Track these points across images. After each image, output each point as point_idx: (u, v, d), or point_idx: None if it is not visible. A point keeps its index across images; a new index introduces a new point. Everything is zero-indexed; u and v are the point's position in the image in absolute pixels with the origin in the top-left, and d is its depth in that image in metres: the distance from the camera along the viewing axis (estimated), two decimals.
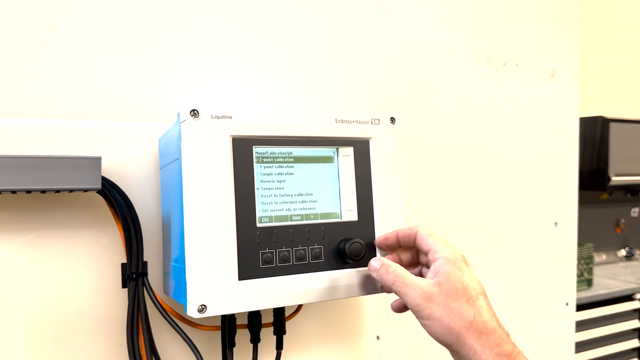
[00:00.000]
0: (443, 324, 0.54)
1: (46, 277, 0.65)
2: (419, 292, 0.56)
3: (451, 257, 0.58)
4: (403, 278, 0.57)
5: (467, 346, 0.54)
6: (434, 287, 0.56)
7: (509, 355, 0.53)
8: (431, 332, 0.56)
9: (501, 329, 0.56)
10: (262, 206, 0.61)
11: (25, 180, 0.58)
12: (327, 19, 0.83)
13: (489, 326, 0.55)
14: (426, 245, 0.60)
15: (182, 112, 0.58)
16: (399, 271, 0.58)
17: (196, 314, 0.56)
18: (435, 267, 0.58)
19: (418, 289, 0.56)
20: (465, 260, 0.59)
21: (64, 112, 0.67)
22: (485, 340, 0.54)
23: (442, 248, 0.59)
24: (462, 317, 0.54)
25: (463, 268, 0.57)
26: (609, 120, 2.08)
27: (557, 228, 1.07)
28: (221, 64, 0.76)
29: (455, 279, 0.56)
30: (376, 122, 0.68)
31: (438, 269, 0.57)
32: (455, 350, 0.55)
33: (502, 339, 0.54)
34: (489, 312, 0.56)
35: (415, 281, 0.57)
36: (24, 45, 0.65)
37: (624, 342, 1.94)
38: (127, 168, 0.69)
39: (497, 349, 0.53)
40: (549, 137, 1.06)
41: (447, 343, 0.55)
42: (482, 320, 0.55)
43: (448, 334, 0.54)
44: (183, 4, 0.73)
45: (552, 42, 1.06)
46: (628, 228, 2.43)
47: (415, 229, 0.62)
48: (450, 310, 0.55)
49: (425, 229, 0.62)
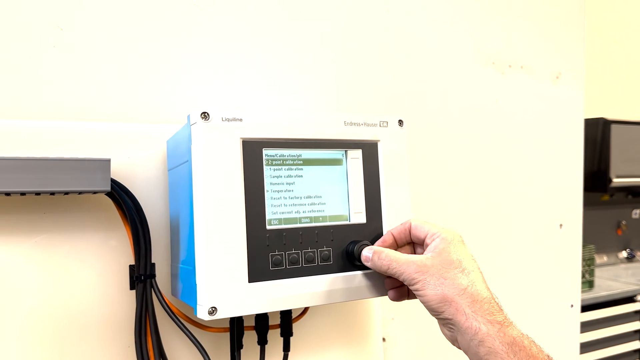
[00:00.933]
0: (437, 291, 0.55)
1: (54, 279, 0.65)
2: (413, 267, 0.57)
3: (448, 236, 0.59)
4: (396, 259, 0.58)
5: (459, 313, 0.54)
6: (428, 261, 0.57)
7: (501, 323, 0.53)
8: (425, 300, 0.56)
9: (494, 301, 0.56)
10: (272, 208, 0.61)
11: (35, 182, 0.58)
12: (335, 22, 0.84)
13: (482, 295, 0.55)
14: (422, 232, 0.61)
15: (193, 115, 0.58)
16: (390, 254, 0.59)
17: (206, 316, 0.56)
18: (432, 246, 0.59)
19: (412, 265, 0.57)
20: (462, 241, 0.60)
21: (72, 114, 0.67)
22: (478, 308, 0.54)
23: (439, 230, 0.60)
24: (456, 285, 0.55)
25: (458, 245, 0.59)
26: (610, 121, 2.09)
27: (562, 230, 1.07)
28: (228, 66, 0.76)
29: (450, 252, 0.57)
30: (384, 125, 0.68)
31: (434, 247, 0.59)
32: (447, 318, 0.55)
33: (495, 309, 0.55)
34: (483, 285, 0.57)
35: (409, 258, 0.58)
36: (32, 47, 0.65)
37: (625, 344, 1.94)
38: (135, 170, 0.69)
39: (489, 316, 0.54)
40: (554, 138, 1.06)
41: (440, 310, 0.55)
42: (476, 289, 0.55)
43: (441, 301, 0.55)
44: (191, 7, 0.74)
45: (557, 45, 1.06)
46: (629, 229, 2.44)
47: (407, 223, 0.64)
48: (444, 278, 0.56)
49: (418, 220, 0.63)
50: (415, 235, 0.63)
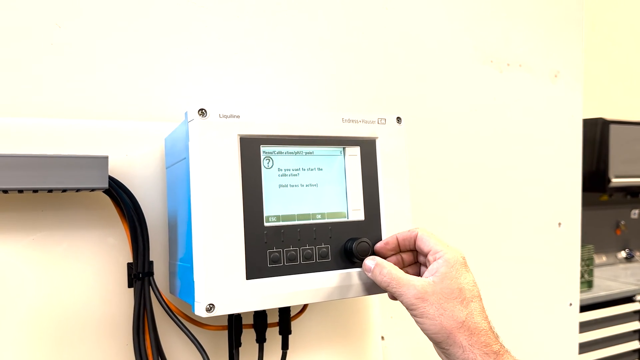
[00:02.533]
0: (435, 322, 0.55)
1: (52, 277, 0.65)
2: (413, 291, 0.56)
3: (451, 258, 0.58)
4: (398, 279, 0.58)
5: (456, 345, 0.55)
6: (429, 287, 0.57)
7: (497, 353, 0.54)
8: (424, 329, 0.57)
9: (491, 331, 0.57)
10: (270, 205, 0.61)
11: (32, 180, 0.58)
12: (333, 19, 0.84)
13: (480, 327, 0.56)
14: (427, 246, 0.61)
15: (190, 112, 0.58)
16: (392, 272, 0.59)
17: (204, 313, 0.56)
18: (434, 267, 0.58)
19: (412, 289, 0.57)
20: (464, 263, 0.59)
21: (70, 111, 0.67)
22: (475, 340, 0.55)
23: (443, 249, 0.59)
24: (455, 317, 0.55)
25: (461, 270, 0.58)
26: (609, 122, 2.09)
27: (560, 229, 1.07)
28: (226, 63, 0.76)
29: (451, 279, 0.57)
30: (382, 122, 0.68)
31: (436, 269, 0.58)
32: (444, 348, 0.56)
33: (492, 339, 0.55)
34: (482, 315, 0.57)
35: (410, 281, 0.57)
36: (30, 44, 0.65)
37: (624, 344, 1.94)
38: (133, 167, 0.69)
39: (485, 348, 0.54)
40: (552, 137, 1.06)
41: (438, 340, 0.56)
42: (473, 321, 0.56)
43: (440, 332, 0.55)
44: (189, 4, 0.73)
45: (556, 43, 1.06)
46: (628, 230, 2.44)
47: (414, 232, 0.63)
48: (443, 309, 0.56)
49: (425, 231, 0.63)
50: (419, 247, 0.63)
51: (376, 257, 0.62)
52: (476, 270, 0.96)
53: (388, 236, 0.66)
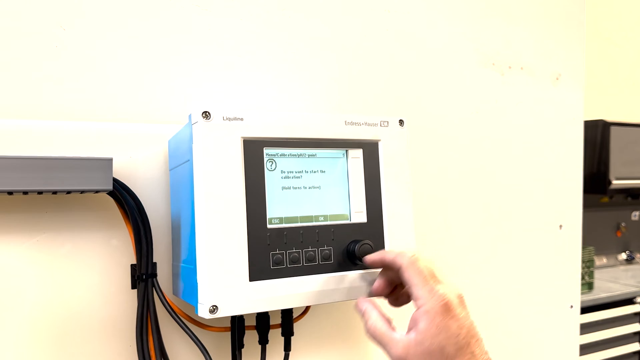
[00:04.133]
0: None
1: (56, 278, 0.65)
2: (395, 351, 0.53)
3: (431, 309, 0.52)
4: (381, 335, 0.55)
5: None
6: (410, 347, 0.53)
7: None
8: None
9: None
10: (273, 207, 0.61)
11: (37, 182, 0.58)
12: (335, 22, 0.84)
13: None
14: (408, 286, 0.56)
15: (194, 114, 0.58)
16: (377, 325, 0.56)
17: (207, 314, 0.56)
18: (414, 318, 0.54)
19: (394, 348, 0.53)
20: (449, 309, 0.52)
21: (74, 113, 0.68)
22: None
23: (423, 295, 0.53)
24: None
25: (444, 322, 0.52)
26: (609, 123, 2.09)
27: (561, 231, 1.08)
28: (230, 66, 0.76)
29: (431, 338, 0.52)
30: (385, 125, 0.68)
31: (416, 321, 0.53)
32: None
33: None
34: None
35: (392, 339, 0.54)
36: (34, 47, 0.66)
37: (625, 346, 1.94)
38: (137, 170, 0.70)
39: None
40: (553, 140, 1.07)
41: None
42: None
43: None
44: (192, 7, 0.74)
45: (557, 46, 1.06)
46: (629, 231, 2.44)
47: (399, 262, 0.57)
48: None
49: (410, 266, 0.56)
50: (403, 281, 0.57)
51: (366, 302, 0.59)
52: (477, 273, 0.97)
53: (388, 244, 0.65)
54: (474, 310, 0.97)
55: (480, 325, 0.56)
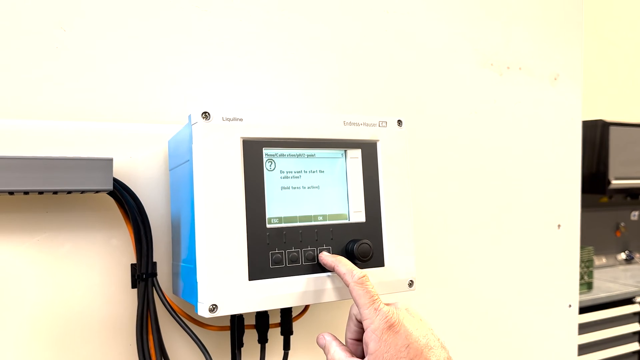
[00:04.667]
0: None
1: (56, 278, 0.66)
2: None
3: (377, 328, 0.54)
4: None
5: None
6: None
7: None
8: None
9: None
10: (272, 207, 0.62)
11: (38, 182, 0.58)
12: (334, 23, 0.84)
13: None
14: (355, 305, 0.57)
15: (194, 114, 0.59)
16: (335, 357, 0.57)
17: (207, 313, 0.57)
18: (365, 340, 0.55)
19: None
20: (393, 325, 0.54)
21: (74, 113, 0.68)
22: None
23: (369, 315, 0.55)
24: None
25: (390, 337, 0.53)
26: (608, 123, 2.09)
27: (560, 230, 1.08)
28: (229, 66, 0.77)
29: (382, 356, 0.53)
30: (384, 125, 0.69)
31: (367, 343, 0.54)
32: None
33: None
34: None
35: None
36: (35, 47, 0.66)
37: (624, 346, 1.95)
38: (137, 170, 0.70)
39: None
40: (552, 139, 1.07)
41: None
42: None
43: None
44: (192, 7, 0.74)
45: (556, 46, 1.07)
46: (628, 231, 2.44)
47: (346, 280, 0.58)
48: None
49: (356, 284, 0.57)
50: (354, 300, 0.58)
51: (326, 336, 0.60)
52: (476, 272, 0.98)
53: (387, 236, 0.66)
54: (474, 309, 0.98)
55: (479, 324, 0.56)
